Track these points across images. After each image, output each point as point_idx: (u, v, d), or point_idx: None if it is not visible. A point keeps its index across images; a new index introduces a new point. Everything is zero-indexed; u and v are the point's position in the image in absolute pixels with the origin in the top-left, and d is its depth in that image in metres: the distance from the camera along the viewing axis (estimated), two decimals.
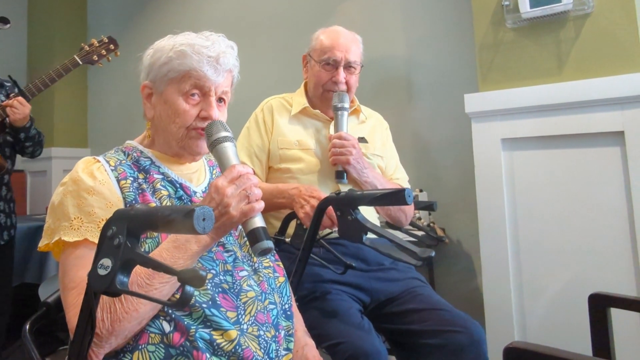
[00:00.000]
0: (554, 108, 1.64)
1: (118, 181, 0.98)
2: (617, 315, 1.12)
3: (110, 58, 2.29)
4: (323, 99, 1.64)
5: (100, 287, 0.68)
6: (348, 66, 1.60)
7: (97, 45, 2.25)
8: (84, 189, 0.94)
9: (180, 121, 1.02)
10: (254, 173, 1.61)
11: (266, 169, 1.64)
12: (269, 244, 0.90)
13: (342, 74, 1.59)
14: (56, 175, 3.49)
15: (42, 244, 0.96)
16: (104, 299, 0.82)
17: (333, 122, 1.60)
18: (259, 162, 1.62)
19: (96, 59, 2.25)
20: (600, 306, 1.12)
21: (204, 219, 0.66)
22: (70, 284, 0.90)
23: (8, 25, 2.25)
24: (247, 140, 1.65)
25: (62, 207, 0.94)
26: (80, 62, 2.22)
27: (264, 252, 0.91)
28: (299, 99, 1.68)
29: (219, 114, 1.04)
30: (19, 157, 3.67)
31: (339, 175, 1.53)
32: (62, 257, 0.94)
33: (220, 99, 1.06)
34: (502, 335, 1.66)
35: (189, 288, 0.65)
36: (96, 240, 0.88)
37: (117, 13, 3.69)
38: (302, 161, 1.58)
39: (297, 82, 1.77)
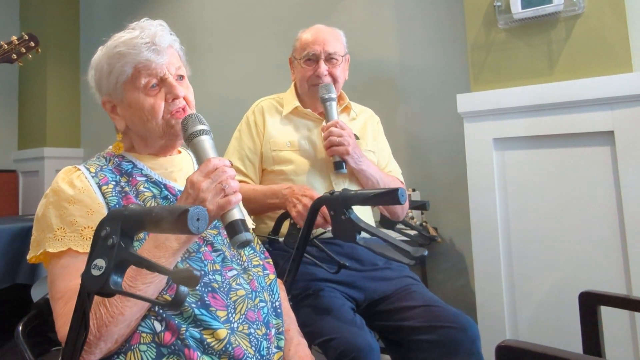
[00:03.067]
0: (544, 108, 1.65)
1: (99, 187, 0.98)
2: (607, 313, 1.13)
3: (31, 56, 2.17)
4: (311, 95, 1.65)
5: (94, 287, 0.68)
6: (329, 58, 1.61)
7: (17, 43, 2.13)
8: (65, 199, 0.95)
9: (153, 116, 1.02)
10: (247, 177, 1.61)
11: (260, 171, 1.64)
12: (247, 236, 0.89)
13: (323, 66, 1.60)
14: (49, 175, 3.47)
15: (30, 256, 0.96)
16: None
17: (325, 119, 1.60)
18: (252, 164, 1.63)
19: (15, 57, 2.12)
20: (591, 304, 1.13)
21: (198, 219, 0.66)
22: (57, 295, 0.90)
23: None
24: (239, 143, 1.66)
25: (45, 218, 0.95)
26: None
27: (243, 245, 0.90)
28: (290, 99, 1.69)
29: (184, 89, 1.05)
30: (10, 156, 3.68)
31: (339, 166, 1.52)
32: (49, 267, 0.94)
33: (178, 77, 1.06)
34: (493, 333, 1.67)
35: (183, 288, 0.66)
36: (80, 249, 0.90)
37: (110, 13, 3.67)
38: (294, 162, 1.58)
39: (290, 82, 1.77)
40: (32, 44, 2.14)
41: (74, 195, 0.95)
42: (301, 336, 1.11)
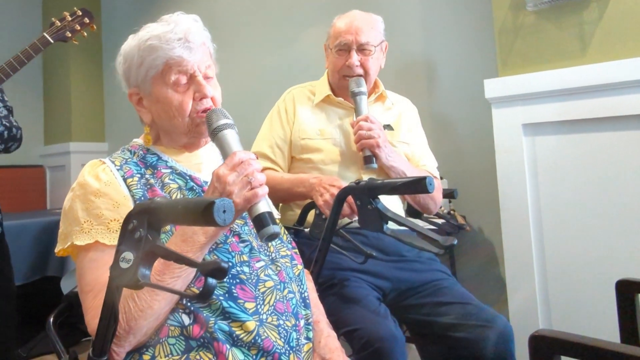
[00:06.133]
0: (577, 91, 1.60)
1: (125, 180, 0.98)
2: None
3: (85, 33, 1.99)
4: (341, 86, 1.61)
5: (123, 280, 0.68)
6: (362, 49, 1.56)
7: (70, 19, 1.92)
8: (91, 192, 0.95)
9: (180, 113, 1.01)
10: (276, 164, 1.60)
11: (289, 159, 1.62)
12: (275, 229, 0.88)
13: (354, 57, 1.55)
14: (75, 170, 3.53)
15: (58, 249, 0.97)
16: None
17: (355, 113, 1.56)
18: (281, 152, 1.61)
19: (69, 35, 1.92)
20: (628, 292, 1.09)
21: (224, 211, 0.65)
22: (86, 288, 0.91)
23: None
24: (269, 131, 1.64)
25: (72, 211, 0.95)
26: (52, 41, 1.87)
27: (271, 238, 0.89)
28: (322, 88, 1.66)
29: (212, 89, 1.04)
30: (37, 152, 3.75)
31: (369, 160, 1.48)
32: (77, 260, 0.95)
33: (207, 76, 1.05)
34: (526, 323, 1.63)
35: (211, 280, 0.65)
36: (107, 242, 0.91)
37: (131, 6, 3.69)
38: (323, 151, 1.56)
39: (315, 71, 1.75)
40: (87, 20, 1.95)
41: (99, 188, 0.95)
42: (330, 328, 1.10)
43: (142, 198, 0.96)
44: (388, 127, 1.61)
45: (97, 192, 0.95)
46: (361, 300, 1.29)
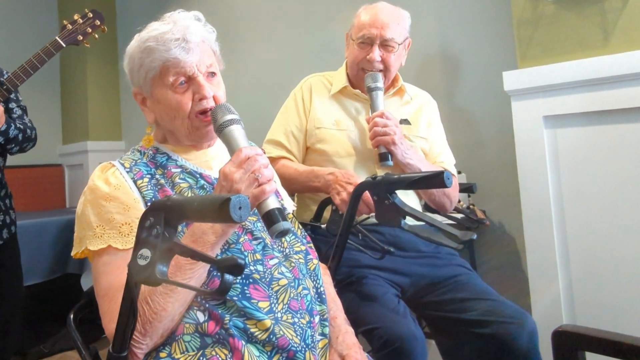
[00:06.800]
0: (600, 82, 1.55)
1: (135, 182, 0.98)
2: None
3: (97, 35, 2.02)
4: (359, 79, 1.58)
5: (141, 277, 0.68)
6: (385, 44, 1.52)
7: (81, 21, 1.96)
8: (101, 197, 0.95)
9: (180, 114, 1.01)
10: (290, 152, 1.58)
11: (304, 148, 1.60)
12: (285, 225, 0.87)
13: (376, 52, 1.51)
14: (92, 168, 3.51)
15: (74, 252, 0.97)
16: None
17: (370, 109, 1.54)
18: (296, 141, 1.59)
19: (81, 38, 1.95)
20: None
21: (240, 208, 0.65)
22: (101, 292, 0.92)
23: None
24: (285, 119, 1.62)
25: (84, 216, 0.96)
26: (64, 45, 1.92)
27: (281, 234, 0.88)
28: (339, 78, 1.63)
29: (213, 88, 1.02)
30: (56, 151, 3.80)
31: (384, 157, 1.45)
32: (92, 263, 0.95)
33: (209, 74, 1.04)
34: (549, 319, 1.60)
35: (228, 276, 0.65)
36: (119, 246, 0.91)
37: (145, 4, 3.71)
38: (338, 142, 1.54)
39: (332, 64, 1.73)
40: (98, 22, 1.99)
41: (109, 192, 0.96)
42: (348, 324, 1.09)
43: (153, 199, 0.96)
44: (405, 121, 1.58)
45: (107, 196, 0.95)
46: (380, 299, 1.28)
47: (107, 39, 3.75)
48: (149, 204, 0.94)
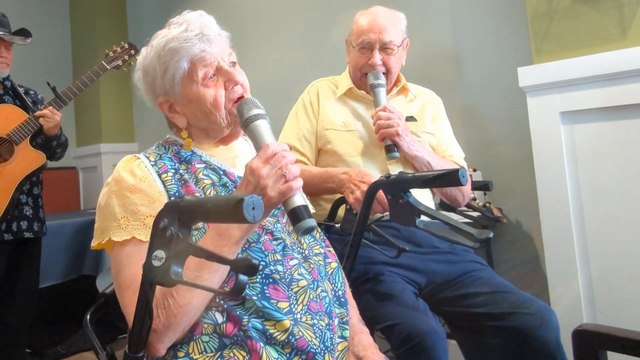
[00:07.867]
0: (618, 76, 1.53)
1: (159, 175, 0.98)
2: None
3: (132, 62, 2.41)
4: (362, 83, 1.61)
5: (156, 278, 0.68)
6: (384, 47, 1.55)
7: (120, 51, 2.44)
8: (126, 188, 0.95)
9: (217, 107, 1.00)
10: (304, 156, 1.59)
11: (316, 151, 1.62)
12: (311, 222, 0.86)
13: (377, 56, 1.55)
14: (106, 170, 3.61)
15: (94, 243, 0.97)
16: (157, 296, 0.82)
17: (374, 105, 1.55)
18: (309, 144, 1.61)
19: (120, 64, 2.43)
20: None
21: (253, 208, 0.64)
22: (124, 284, 0.91)
23: (29, 40, 2.35)
24: (296, 123, 1.65)
25: (109, 207, 0.95)
26: (109, 68, 2.41)
27: (307, 231, 0.86)
28: (344, 81, 1.67)
29: (240, 76, 1.03)
30: (70, 154, 3.84)
31: (390, 149, 1.47)
32: (113, 255, 0.95)
33: (231, 63, 1.04)
34: (569, 318, 1.57)
35: (242, 277, 0.65)
36: (143, 238, 0.91)
37: (156, 9, 3.74)
38: (348, 142, 1.56)
39: (342, 65, 1.73)
40: (133, 52, 2.44)
41: (135, 184, 0.95)
42: (362, 324, 1.08)
43: (177, 194, 0.96)
44: (411, 118, 1.60)
45: (132, 187, 0.95)
46: (398, 296, 1.27)
47: (118, 43, 3.79)
48: (172, 198, 0.95)
